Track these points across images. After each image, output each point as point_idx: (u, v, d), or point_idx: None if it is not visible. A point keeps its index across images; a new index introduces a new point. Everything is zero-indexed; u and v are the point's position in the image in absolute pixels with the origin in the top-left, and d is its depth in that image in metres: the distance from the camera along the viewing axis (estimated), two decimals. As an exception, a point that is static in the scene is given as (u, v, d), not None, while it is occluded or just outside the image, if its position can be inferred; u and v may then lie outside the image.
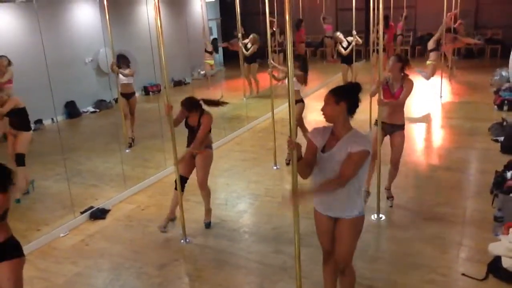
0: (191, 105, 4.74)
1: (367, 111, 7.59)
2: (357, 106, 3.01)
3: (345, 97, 2.96)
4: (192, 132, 4.77)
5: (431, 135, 7.89)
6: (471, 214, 4.89)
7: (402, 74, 4.87)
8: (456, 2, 11.77)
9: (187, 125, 4.82)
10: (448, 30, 10.49)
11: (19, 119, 5.73)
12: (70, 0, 9.74)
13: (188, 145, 4.82)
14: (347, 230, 3.05)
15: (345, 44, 10.22)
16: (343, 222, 3.04)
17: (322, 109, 3.00)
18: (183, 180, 4.74)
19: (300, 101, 6.53)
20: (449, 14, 10.74)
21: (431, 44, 9.90)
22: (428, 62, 10.08)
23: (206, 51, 11.89)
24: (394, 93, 4.86)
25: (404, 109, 5.02)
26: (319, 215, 3.14)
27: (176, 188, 4.70)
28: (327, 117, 3.02)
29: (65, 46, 9.77)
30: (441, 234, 4.52)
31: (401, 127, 4.96)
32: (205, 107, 4.86)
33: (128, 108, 7.76)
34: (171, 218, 4.86)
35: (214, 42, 12.32)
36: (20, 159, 5.71)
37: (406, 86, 4.84)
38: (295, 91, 6.47)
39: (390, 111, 4.90)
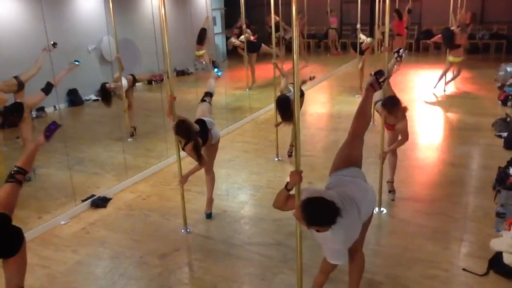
0: (181, 133, 4.45)
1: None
2: None
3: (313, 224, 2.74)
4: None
5: (434, 129, 7.85)
6: (473, 210, 4.88)
7: (397, 118, 4.75)
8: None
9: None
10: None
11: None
12: (74, -12, 9.68)
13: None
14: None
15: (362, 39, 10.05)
16: None
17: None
18: None
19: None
20: (467, 13, 10.62)
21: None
22: (452, 58, 9.76)
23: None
24: (394, 124, 4.83)
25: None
26: None
27: None
28: None
29: (68, 33, 9.72)
30: (442, 229, 4.51)
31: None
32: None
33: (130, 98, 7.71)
34: None
35: (202, 32, 11.87)
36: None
37: (401, 126, 4.78)
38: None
39: (392, 137, 5.00)
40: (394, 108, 4.64)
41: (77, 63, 6.70)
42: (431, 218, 4.75)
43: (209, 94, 5.11)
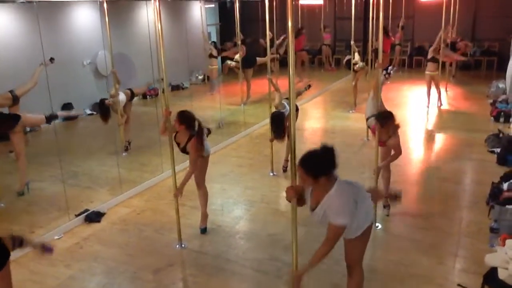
0: (185, 119, 4.54)
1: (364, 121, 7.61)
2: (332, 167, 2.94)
3: (314, 170, 2.89)
4: (180, 148, 4.74)
5: (427, 145, 7.90)
6: (467, 225, 4.90)
7: (389, 134, 4.80)
8: (454, 13, 11.87)
9: (175, 139, 4.76)
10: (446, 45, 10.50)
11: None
12: (70, 2, 9.73)
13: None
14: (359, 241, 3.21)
15: (354, 58, 10.12)
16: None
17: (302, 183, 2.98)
18: None
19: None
20: (448, 27, 10.80)
21: (430, 53, 9.88)
22: (426, 72, 10.05)
23: (211, 56, 11.85)
24: (380, 141, 4.86)
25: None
26: None
27: None
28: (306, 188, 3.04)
29: (63, 47, 9.75)
30: (437, 244, 4.52)
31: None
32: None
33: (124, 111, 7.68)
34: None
35: (215, 45, 12.21)
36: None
37: (392, 142, 4.82)
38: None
39: (384, 154, 5.01)
40: (386, 121, 4.68)
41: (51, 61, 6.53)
42: (425, 233, 4.76)
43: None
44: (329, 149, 2.91)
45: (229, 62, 11.59)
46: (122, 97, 7.43)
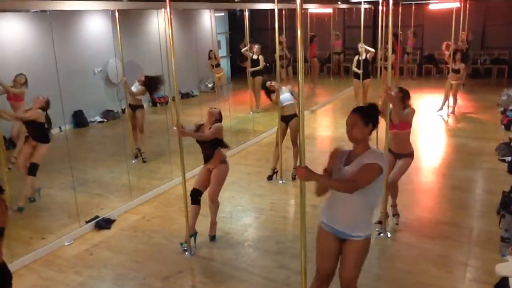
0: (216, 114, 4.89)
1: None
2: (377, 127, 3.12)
3: (372, 119, 3.03)
4: (203, 146, 4.82)
5: (437, 153, 7.86)
6: (478, 234, 4.86)
7: (404, 105, 4.83)
8: (464, 22, 11.83)
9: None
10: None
11: (39, 132, 5.90)
12: (83, 11, 9.86)
13: (205, 162, 4.88)
14: (356, 253, 3.05)
15: (362, 57, 10.08)
16: (352, 244, 3.04)
17: (349, 131, 3.02)
18: (198, 193, 4.80)
19: (296, 116, 6.51)
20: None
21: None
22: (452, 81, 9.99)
23: (216, 65, 11.85)
24: (397, 124, 4.84)
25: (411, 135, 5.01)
26: (325, 234, 3.14)
27: (193, 203, 4.76)
28: (354, 139, 3.04)
29: (75, 55, 9.88)
30: (446, 254, 4.49)
31: (409, 155, 4.95)
32: None
33: (135, 120, 7.71)
34: (192, 234, 4.79)
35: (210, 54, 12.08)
36: (33, 169, 5.84)
37: (408, 110, 4.83)
38: (291, 104, 6.51)
39: (396, 141, 4.92)
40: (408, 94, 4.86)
41: None
42: (435, 242, 4.73)
43: None
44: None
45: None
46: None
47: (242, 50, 11.29)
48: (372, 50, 10.10)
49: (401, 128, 4.86)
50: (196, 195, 4.80)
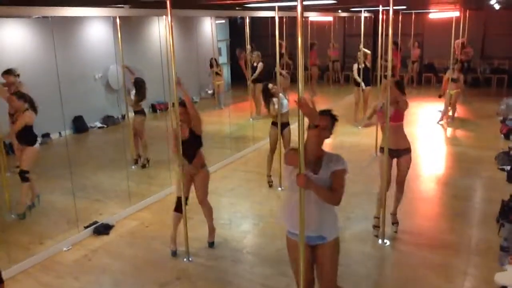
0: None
1: (373, 136, 7.64)
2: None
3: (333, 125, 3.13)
4: (184, 146, 4.66)
5: (437, 162, 7.87)
6: (477, 243, 4.85)
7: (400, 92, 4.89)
8: (464, 31, 11.89)
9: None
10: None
11: (26, 134, 5.71)
12: (84, 17, 9.90)
13: (189, 163, 4.76)
14: (331, 256, 3.11)
15: (361, 65, 10.12)
16: (325, 248, 3.08)
17: (318, 135, 3.02)
18: (183, 200, 4.77)
19: (289, 124, 6.57)
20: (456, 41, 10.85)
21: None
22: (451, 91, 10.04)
23: (217, 73, 11.85)
24: (391, 116, 4.85)
25: (407, 133, 5.03)
26: (296, 243, 3.03)
27: (177, 210, 4.74)
28: (321, 143, 3.09)
29: (76, 61, 9.92)
30: (446, 262, 4.48)
31: (407, 150, 4.96)
32: None
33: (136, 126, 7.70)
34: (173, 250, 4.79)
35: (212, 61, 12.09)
36: (23, 176, 5.72)
37: (401, 101, 4.87)
38: (286, 112, 6.53)
39: (393, 137, 4.91)
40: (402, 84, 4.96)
41: None
42: (434, 251, 4.72)
43: None
44: None
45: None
46: None
47: (240, 62, 11.33)
48: (368, 52, 10.13)
49: (394, 120, 4.86)
50: (181, 203, 4.72)
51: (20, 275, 4.45)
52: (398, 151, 4.95)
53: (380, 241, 4.89)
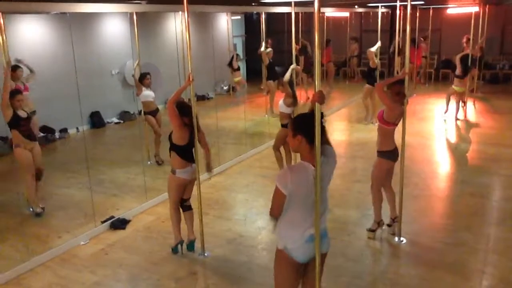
0: (184, 109, 4.50)
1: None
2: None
3: (302, 129, 2.87)
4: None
5: (454, 159, 7.78)
6: (495, 242, 4.79)
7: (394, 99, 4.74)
8: (483, 27, 11.70)
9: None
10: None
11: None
12: (102, 13, 9.99)
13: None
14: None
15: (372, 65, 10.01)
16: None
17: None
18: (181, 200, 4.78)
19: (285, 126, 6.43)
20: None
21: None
22: (456, 88, 9.94)
23: (235, 69, 11.82)
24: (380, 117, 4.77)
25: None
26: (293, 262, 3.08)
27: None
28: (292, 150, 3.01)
29: (93, 57, 10.01)
30: (463, 261, 4.43)
31: (379, 153, 4.83)
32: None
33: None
34: (179, 242, 4.76)
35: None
36: (40, 175, 5.79)
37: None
38: (284, 114, 6.50)
39: (379, 138, 4.85)
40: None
41: None
42: (451, 249, 4.67)
43: None
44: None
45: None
46: None
47: (261, 51, 11.22)
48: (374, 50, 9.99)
49: (380, 117, 4.78)
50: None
51: (39, 268, 4.53)
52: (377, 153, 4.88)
53: (396, 238, 4.86)
